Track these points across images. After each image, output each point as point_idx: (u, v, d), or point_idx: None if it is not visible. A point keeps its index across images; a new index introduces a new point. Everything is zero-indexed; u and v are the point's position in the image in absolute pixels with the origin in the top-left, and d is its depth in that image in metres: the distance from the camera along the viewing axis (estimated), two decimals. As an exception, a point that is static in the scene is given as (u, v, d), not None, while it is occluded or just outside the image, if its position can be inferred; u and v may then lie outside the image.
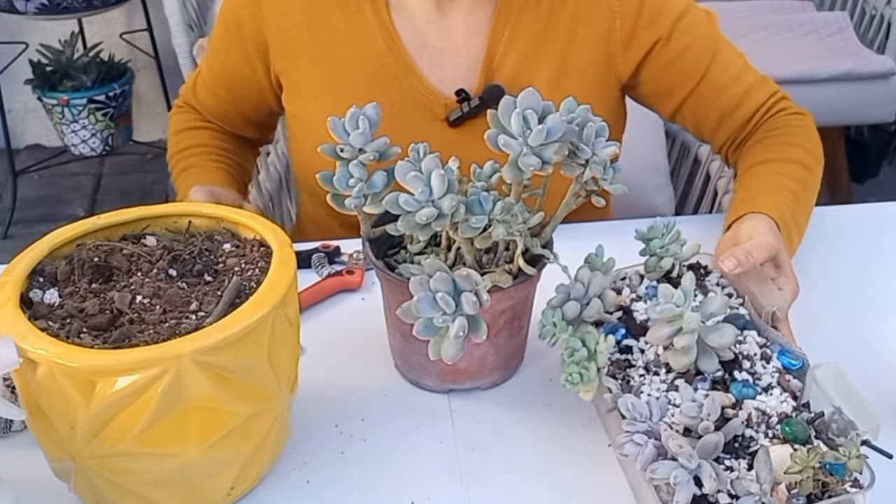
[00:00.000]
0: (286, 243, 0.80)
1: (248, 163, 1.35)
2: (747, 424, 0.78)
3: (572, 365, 0.80)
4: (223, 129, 1.31)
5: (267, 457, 0.81)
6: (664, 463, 0.71)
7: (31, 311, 0.74)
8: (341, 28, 1.15)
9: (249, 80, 1.22)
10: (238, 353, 0.71)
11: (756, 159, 1.11)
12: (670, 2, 1.13)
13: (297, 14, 1.16)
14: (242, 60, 1.21)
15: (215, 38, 1.25)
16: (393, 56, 1.14)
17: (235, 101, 1.27)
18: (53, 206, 2.90)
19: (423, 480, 0.83)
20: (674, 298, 0.80)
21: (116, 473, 0.74)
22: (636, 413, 0.76)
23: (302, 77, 1.18)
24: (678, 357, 0.81)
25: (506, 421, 0.89)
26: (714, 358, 0.82)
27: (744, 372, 0.83)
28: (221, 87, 1.26)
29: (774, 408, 0.79)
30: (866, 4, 2.62)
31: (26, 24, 2.90)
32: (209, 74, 1.27)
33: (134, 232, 0.85)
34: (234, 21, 1.20)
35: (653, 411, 0.76)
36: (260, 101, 1.25)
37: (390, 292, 0.89)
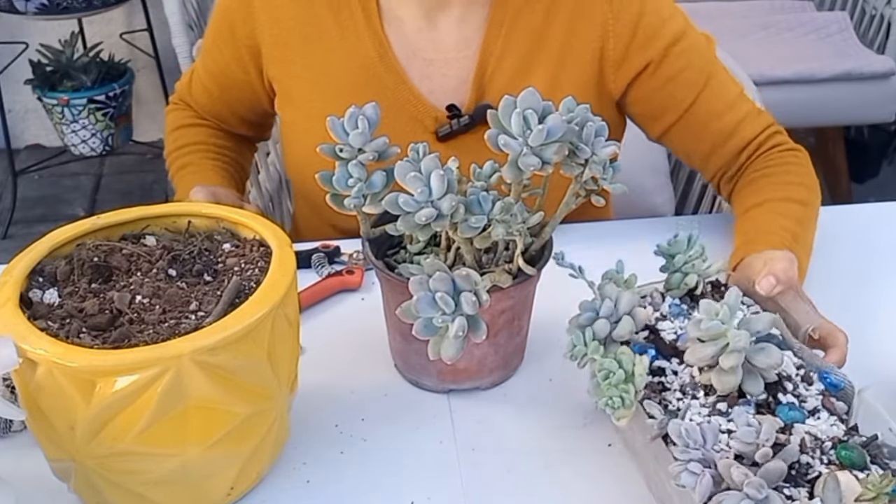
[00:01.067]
0: (286, 243, 0.80)
1: (245, 160, 1.35)
2: (801, 450, 0.73)
3: (612, 388, 0.77)
4: (219, 126, 1.31)
5: (267, 457, 0.81)
6: (731, 494, 0.67)
7: (31, 311, 0.74)
8: (333, 35, 1.14)
9: (243, 81, 1.22)
10: (238, 353, 0.71)
11: (752, 202, 1.09)
12: (667, 24, 1.11)
13: (288, 19, 1.15)
14: (235, 63, 1.21)
15: (209, 38, 1.25)
16: (383, 65, 1.13)
17: (229, 102, 1.27)
18: (53, 206, 2.90)
19: (422, 480, 0.83)
20: (719, 315, 0.76)
21: (116, 473, 0.74)
22: (690, 440, 0.71)
23: (293, 83, 1.18)
24: (724, 378, 0.77)
25: (506, 421, 0.89)
26: (759, 380, 0.78)
27: (788, 395, 0.79)
28: (216, 86, 1.26)
29: (825, 432, 0.76)
30: (866, 4, 2.62)
31: (26, 24, 2.90)
32: (204, 73, 1.27)
33: (133, 232, 0.85)
34: (227, 23, 1.20)
35: (706, 437, 0.71)
36: (254, 102, 1.24)
37: (390, 292, 0.89)
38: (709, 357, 0.77)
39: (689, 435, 0.71)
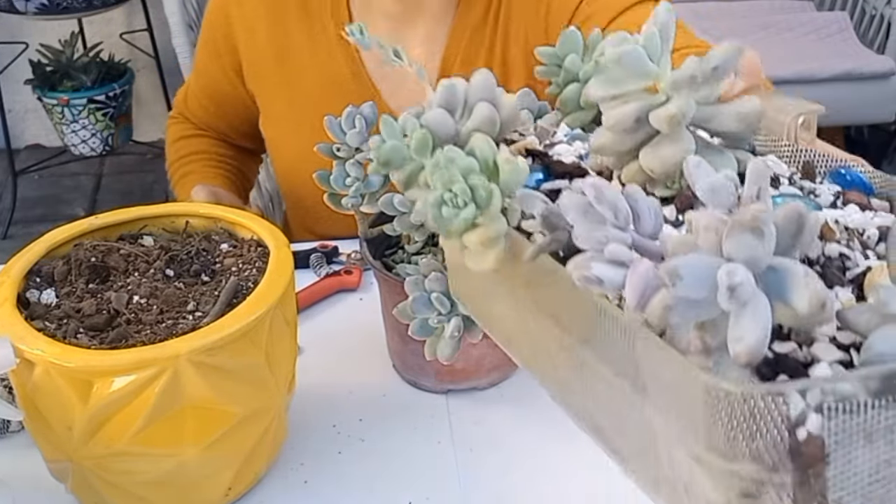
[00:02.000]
0: (284, 243, 0.80)
1: (249, 170, 1.36)
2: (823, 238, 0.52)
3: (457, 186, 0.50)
4: (221, 137, 1.31)
5: (264, 457, 0.81)
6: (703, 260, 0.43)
7: (28, 312, 0.74)
8: (305, 52, 1.15)
9: (233, 96, 1.23)
10: (235, 354, 0.71)
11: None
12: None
13: (262, 36, 1.16)
14: (224, 78, 1.21)
15: (199, 54, 1.26)
16: (355, 82, 1.13)
17: (225, 116, 1.27)
18: (53, 206, 2.90)
19: (421, 481, 0.83)
20: (641, 43, 0.52)
21: (113, 474, 0.74)
22: (610, 211, 0.47)
23: (269, 100, 1.19)
24: (662, 152, 0.52)
25: (504, 421, 0.89)
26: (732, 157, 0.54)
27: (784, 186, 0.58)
28: (210, 102, 1.27)
29: (862, 223, 0.54)
30: (866, 4, 2.62)
31: (26, 24, 2.90)
32: (198, 89, 1.28)
33: (131, 232, 0.85)
34: (212, 39, 1.21)
35: (639, 212, 0.48)
36: (248, 116, 1.25)
37: (388, 292, 0.89)
38: (631, 119, 0.52)
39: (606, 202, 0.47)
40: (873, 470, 0.43)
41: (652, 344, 0.45)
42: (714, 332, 0.44)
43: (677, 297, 0.43)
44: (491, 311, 0.64)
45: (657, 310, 0.43)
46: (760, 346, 0.42)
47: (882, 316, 0.45)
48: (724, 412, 0.42)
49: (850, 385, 0.41)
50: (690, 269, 0.42)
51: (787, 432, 0.41)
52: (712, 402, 0.42)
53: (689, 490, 0.46)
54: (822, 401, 0.41)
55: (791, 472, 0.42)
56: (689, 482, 0.46)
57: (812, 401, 0.41)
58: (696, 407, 0.43)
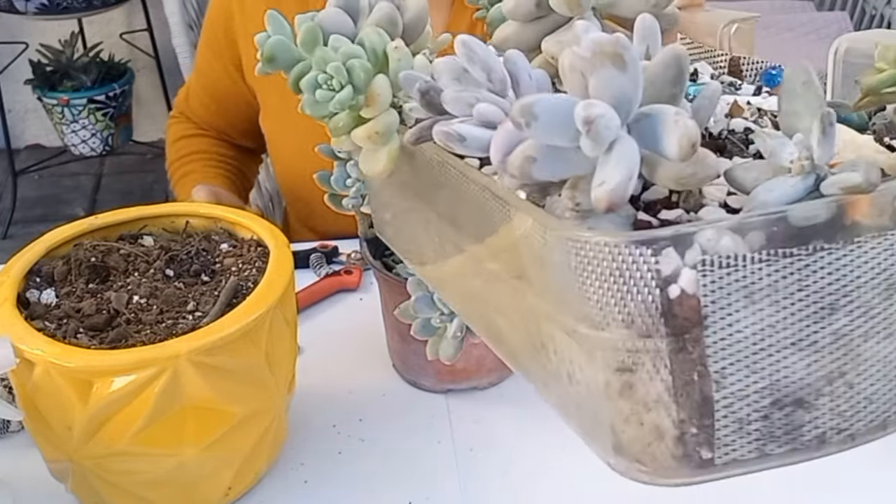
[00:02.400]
0: (283, 243, 0.80)
1: (249, 170, 1.36)
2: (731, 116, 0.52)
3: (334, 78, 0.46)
4: (221, 137, 1.31)
5: (264, 457, 0.81)
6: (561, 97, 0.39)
7: (28, 312, 0.74)
8: None
9: (235, 94, 1.23)
10: (235, 354, 0.71)
11: None
12: None
13: (262, 30, 1.16)
14: (226, 75, 1.21)
15: (200, 53, 1.26)
16: None
17: (226, 114, 1.27)
18: (53, 206, 2.90)
19: (421, 480, 0.83)
20: None
21: (113, 474, 0.74)
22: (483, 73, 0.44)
23: (268, 95, 1.19)
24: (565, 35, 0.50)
25: (504, 421, 0.89)
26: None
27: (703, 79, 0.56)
28: (212, 100, 1.27)
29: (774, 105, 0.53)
30: (866, 4, 2.62)
31: (26, 24, 2.90)
32: (199, 88, 1.28)
33: (131, 232, 0.85)
34: (213, 36, 1.21)
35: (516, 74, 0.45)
36: (250, 113, 1.25)
37: (388, 292, 0.88)
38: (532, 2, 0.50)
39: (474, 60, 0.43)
40: (758, 336, 0.39)
41: (522, 210, 0.42)
42: (586, 190, 0.40)
43: (539, 146, 0.39)
44: (407, 236, 0.61)
45: (518, 161, 0.39)
46: (623, 188, 0.38)
47: (771, 169, 0.42)
48: (591, 272, 0.39)
49: (729, 237, 0.38)
50: (546, 106, 0.38)
51: (658, 290, 0.38)
52: (580, 260, 0.39)
53: (573, 377, 0.43)
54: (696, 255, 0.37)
55: (665, 337, 0.39)
56: (572, 369, 0.43)
57: (685, 254, 0.37)
58: (565, 272, 0.40)
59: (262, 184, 1.51)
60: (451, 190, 0.49)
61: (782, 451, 0.41)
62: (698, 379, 0.39)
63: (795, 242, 0.39)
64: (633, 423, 0.41)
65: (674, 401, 0.39)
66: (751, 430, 0.41)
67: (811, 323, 0.40)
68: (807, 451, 0.42)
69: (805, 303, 0.39)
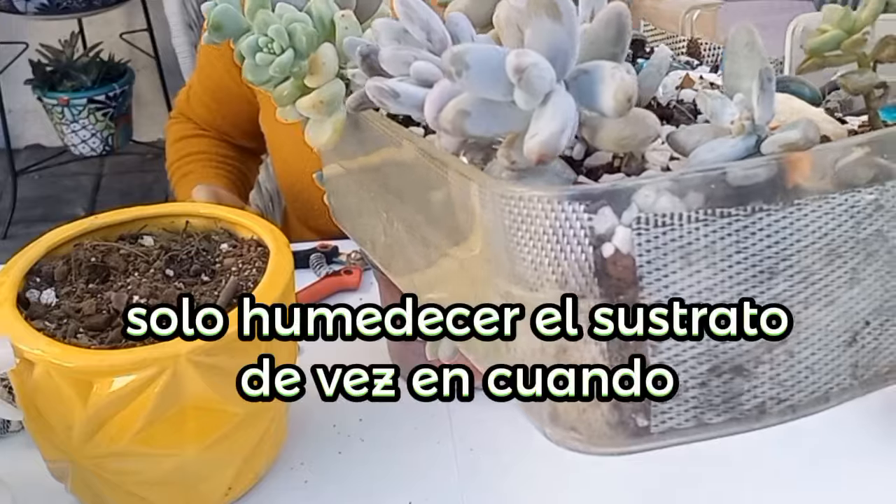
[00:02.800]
0: (284, 243, 0.80)
1: (249, 171, 1.36)
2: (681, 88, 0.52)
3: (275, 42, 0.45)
4: (222, 138, 1.31)
5: (265, 457, 0.81)
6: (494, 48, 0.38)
7: (28, 312, 0.74)
8: None
9: (237, 94, 1.23)
10: (235, 354, 0.71)
11: None
12: None
13: None
14: (227, 74, 1.21)
15: (202, 54, 1.26)
16: None
17: (228, 115, 1.27)
18: (53, 206, 2.90)
19: (421, 480, 0.83)
20: None
21: (113, 474, 0.74)
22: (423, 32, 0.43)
23: (265, 96, 1.19)
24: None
25: (504, 421, 0.89)
26: None
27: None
28: (212, 100, 1.27)
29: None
30: (866, 4, 2.62)
31: (26, 24, 2.90)
32: (200, 88, 1.28)
33: (131, 232, 0.85)
34: None
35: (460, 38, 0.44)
36: (250, 113, 1.25)
37: (388, 292, 0.88)
38: None
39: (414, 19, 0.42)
40: (695, 300, 0.38)
41: (458, 171, 0.40)
42: (522, 148, 0.38)
43: (473, 99, 0.37)
44: (356, 218, 0.59)
45: (450, 115, 0.38)
46: (556, 139, 0.36)
47: (714, 130, 0.41)
48: (526, 230, 0.37)
49: (667, 197, 0.36)
50: (479, 55, 0.37)
51: (591, 249, 0.36)
52: (513, 218, 0.37)
53: (509, 346, 0.42)
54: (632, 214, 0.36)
55: (599, 298, 0.37)
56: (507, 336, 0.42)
57: (621, 214, 0.36)
58: (499, 231, 0.38)
59: (262, 184, 1.51)
60: (395, 159, 0.47)
61: (721, 420, 0.40)
62: (633, 342, 0.38)
63: (734, 202, 0.37)
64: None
65: (609, 365, 0.38)
66: (688, 397, 0.39)
67: (749, 287, 0.38)
68: (746, 422, 0.40)
69: (743, 265, 0.38)
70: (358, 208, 0.59)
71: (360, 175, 0.55)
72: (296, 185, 1.23)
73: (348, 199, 0.61)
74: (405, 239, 0.50)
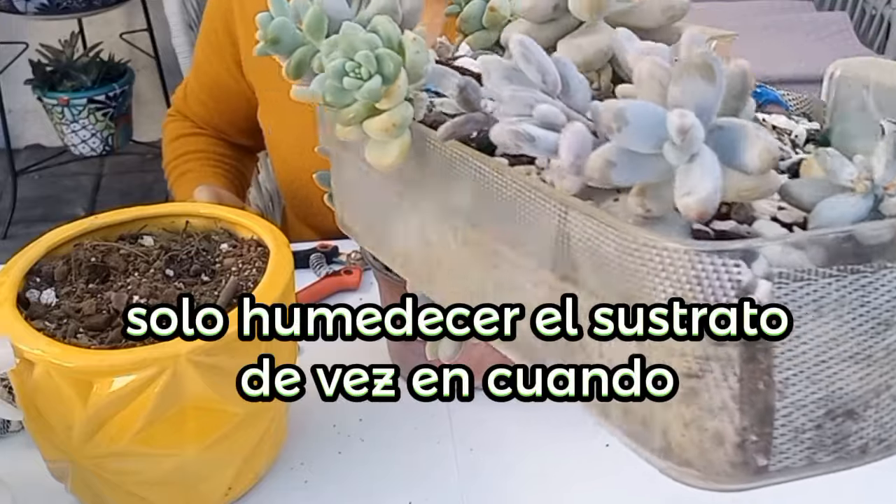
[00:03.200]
0: (284, 243, 0.80)
1: (246, 169, 1.36)
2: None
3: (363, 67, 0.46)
4: (219, 136, 1.31)
5: (265, 457, 0.81)
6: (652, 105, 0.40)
7: (28, 312, 0.74)
8: None
9: (234, 90, 1.23)
10: (235, 354, 0.71)
11: None
12: None
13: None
14: (226, 72, 1.21)
15: (199, 50, 1.26)
16: None
17: (225, 112, 1.27)
18: (53, 206, 2.91)
19: (421, 481, 0.83)
20: None
21: (113, 474, 0.74)
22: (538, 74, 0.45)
23: (267, 89, 1.19)
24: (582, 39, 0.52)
25: (504, 421, 0.89)
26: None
27: None
28: (210, 97, 1.27)
29: (789, 125, 0.57)
30: (866, 4, 2.62)
31: (26, 24, 2.90)
32: (197, 86, 1.28)
33: (131, 232, 0.85)
34: (213, 32, 1.21)
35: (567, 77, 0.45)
36: (249, 111, 1.25)
37: (388, 292, 0.88)
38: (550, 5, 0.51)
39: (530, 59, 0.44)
40: (821, 349, 0.41)
41: (587, 214, 0.42)
42: (656, 197, 0.41)
43: (620, 150, 0.39)
44: (384, 231, 0.61)
45: (597, 165, 0.40)
46: (712, 198, 0.38)
47: (829, 186, 0.43)
48: (666, 278, 0.39)
49: (801, 252, 0.39)
50: (638, 111, 0.39)
51: (736, 299, 0.39)
52: (653, 266, 0.39)
53: (624, 382, 0.44)
54: (772, 268, 0.38)
55: (738, 345, 0.39)
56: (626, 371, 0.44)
57: (761, 268, 0.38)
58: (637, 277, 0.40)
59: (262, 184, 1.51)
60: (471, 186, 0.50)
61: (829, 459, 0.43)
62: (764, 388, 0.40)
63: (861, 260, 0.40)
64: (692, 428, 0.42)
65: (738, 408, 0.40)
66: (804, 438, 0.42)
67: (868, 338, 0.41)
68: (850, 460, 0.43)
69: (865, 318, 0.41)
70: (384, 222, 0.61)
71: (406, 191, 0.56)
72: (294, 182, 1.23)
73: (372, 212, 0.62)
74: (469, 265, 0.53)
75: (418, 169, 0.52)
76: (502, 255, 0.49)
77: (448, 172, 0.50)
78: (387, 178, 0.57)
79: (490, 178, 0.47)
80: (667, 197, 0.40)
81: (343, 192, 0.66)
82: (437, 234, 0.54)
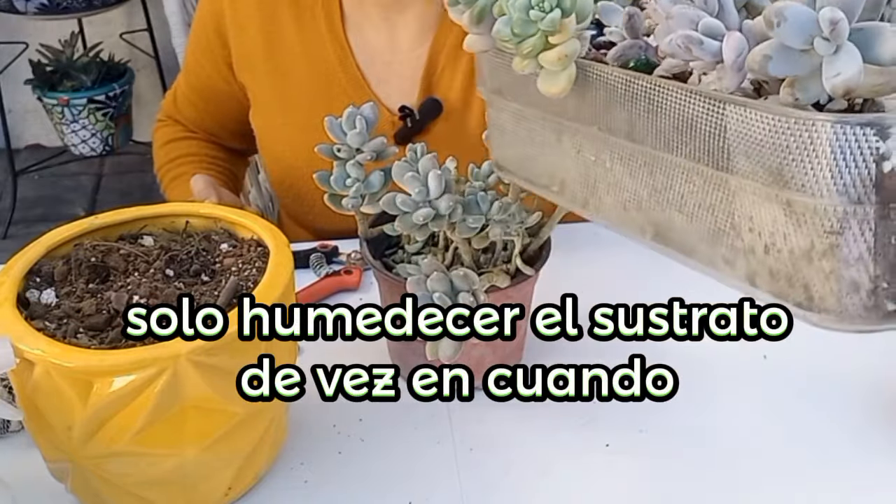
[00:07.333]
0: (283, 243, 0.80)
1: (239, 171, 1.36)
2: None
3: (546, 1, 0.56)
4: (210, 139, 1.31)
5: (265, 457, 0.81)
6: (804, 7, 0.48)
7: (28, 312, 0.74)
8: (295, 40, 1.14)
9: (226, 93, 1.23)
10: (235, 354, 0.71)
11: None
12: None
13: (253, 27, 1.16)
14: (216, 74, 1.21)
15: (189, 53, 1.26)
16: (343, 70, 1.13)
17: (216, 114, 1.27)
18: (53, 206, 2.91)
19: (421, 481, 0.83)
20: None
21: (113, 474, 0.74)
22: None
23: (259, 90, 1.19)
24: None
25: (504, 421, 0.89)
26: None
27: None
28: (201, 99, 1.27)
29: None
30: (866, 4, 2.62)
31: (26, 24, 2.90)
32: (188, 88, 1.28)
33: (131, 232, 0.85)
34: (204, 34, 1.21)
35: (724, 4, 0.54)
36: (240, 113, 1.25)
37: (388, 292, 0.89)
38: None
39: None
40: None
41: (743, 105, 0.49)
42: (804, 89, 0.49)
43: (776, 45, 0.47)
44: (538, 163, 0.69)
45: (757, 58, 0.48)
46: (856, 78, 0.46)
47: None
48: (816, 148, 0.46)
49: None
50: (794, 10, 0.47)
51: (874, 165, 0.46)
52: (806, 139, 0.47)
53: (771, 248, 0.51)
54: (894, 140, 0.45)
55: (874, 204, 0.47)
56: (771, 240, 0.51)
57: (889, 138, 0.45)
58: (789, 151, 0.48)
59: (262, 184, 1.51)
60: (635, 105, 0.57)
61: None
62: (894, 242, 0.48)
63: None
64: (832, 279, 0.49)
65: (872, 259, 0.48)
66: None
67: None
68: None
69: None
70: (539, 156, 0.69)
71: (564, 124, 0.65)
72: (286, 181, 1.23)
73: (527, 148, 0.70)
74: (620, 173, 0.60)
75: (578, 99, 0.61)
76: (659, 162, 0.57)
77: (609, 98, 0.59)
78: (543, 117, 0.65)
79: (654, 93, 0.55)
80: (813, 89, 0.48)
81: (497, 135, 0.74)
82: (595, 156, 0.62)
